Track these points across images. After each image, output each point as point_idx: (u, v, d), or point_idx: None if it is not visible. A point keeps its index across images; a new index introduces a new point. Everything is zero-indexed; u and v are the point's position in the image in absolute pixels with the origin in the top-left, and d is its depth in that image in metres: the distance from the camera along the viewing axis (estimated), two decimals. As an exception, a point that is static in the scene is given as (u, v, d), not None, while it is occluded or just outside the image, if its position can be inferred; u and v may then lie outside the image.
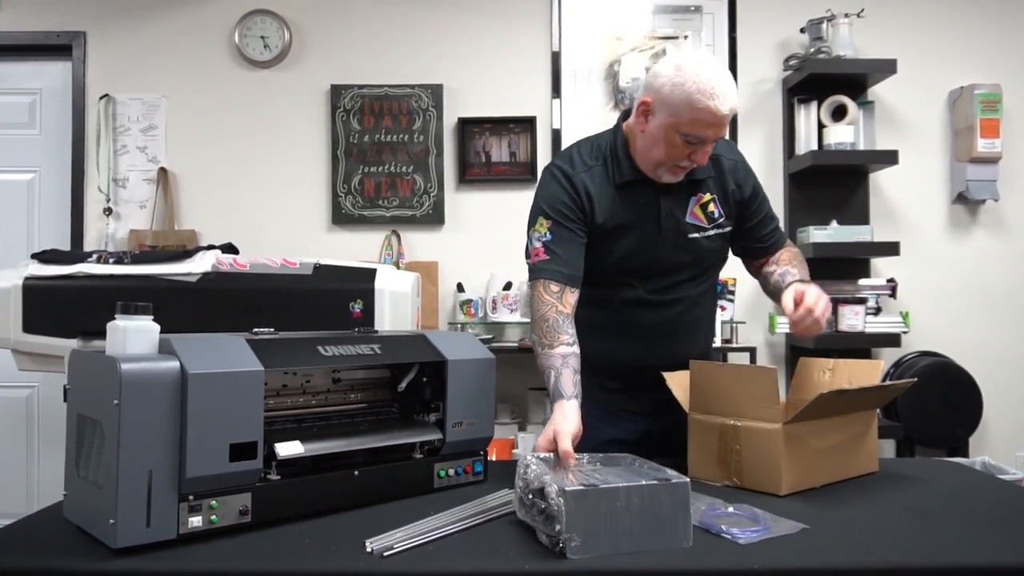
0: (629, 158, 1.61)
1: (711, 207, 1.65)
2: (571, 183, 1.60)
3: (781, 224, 1.79)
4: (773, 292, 1.67)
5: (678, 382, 1.53)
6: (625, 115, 1.67)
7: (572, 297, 1.56)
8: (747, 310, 3.23)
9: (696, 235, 1.63)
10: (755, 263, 1.77)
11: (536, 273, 1.58)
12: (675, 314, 1.66)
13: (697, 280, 1.68)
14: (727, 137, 1.52)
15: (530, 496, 1.07)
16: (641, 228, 1.61)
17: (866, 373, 1.56)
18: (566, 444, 1.27)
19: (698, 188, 1.64)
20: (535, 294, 1.57)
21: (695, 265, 1.66)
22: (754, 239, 1.72)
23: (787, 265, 1.68)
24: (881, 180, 3.31)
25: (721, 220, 1.65)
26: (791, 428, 1.33)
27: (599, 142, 1.67)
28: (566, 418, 1.36)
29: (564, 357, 1.48)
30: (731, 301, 3.14)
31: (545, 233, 1.59)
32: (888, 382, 1.47)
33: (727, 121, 1.50)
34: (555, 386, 1.45)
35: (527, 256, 1.62)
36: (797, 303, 1.51)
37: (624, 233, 1.61)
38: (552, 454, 1.26)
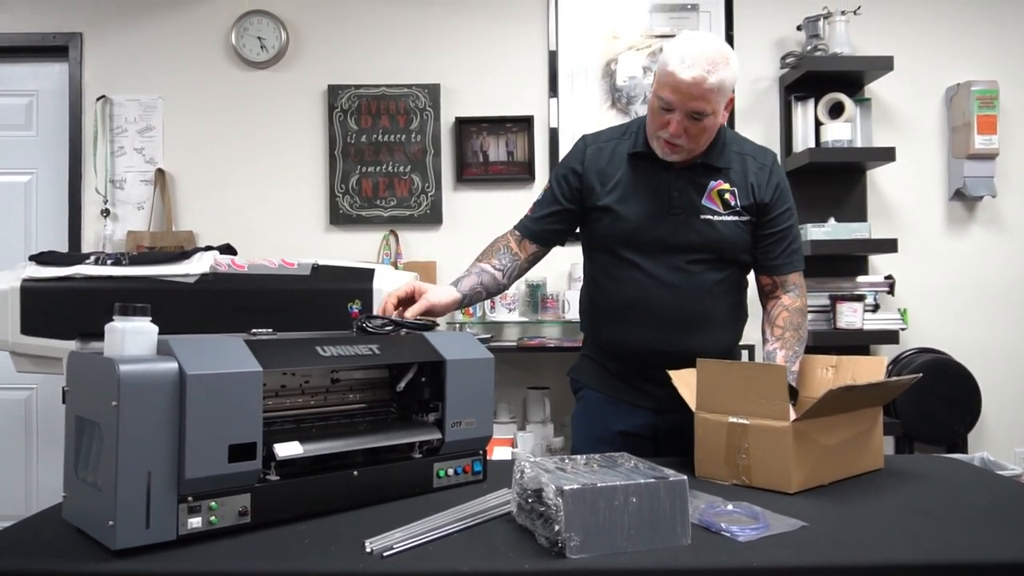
0: (644, 133, 1.68)
1: (727, 196, 1.67)
2: (584, 152, 1.73)
3: (797, 247, 1.78)
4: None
5: (684, 380, 1.53)
6: None
7: (529, 247, 1.78)
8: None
9: (710, 217, 1.66)
10: (760, 280, 1.77)
11: (516, 224, 1.80)
12: (687, 299, 1.65)
13: (714, 267, 1.68)
14: (711, 113, 1.56)
15: (528, 500, 1.07)
16: (648, 202, 1.66)
17: (869, 370, 1.56)
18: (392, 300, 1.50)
19: (717, 175, 1.67)
20: (503, 237, 1.80)
21: (709, 248, 1.66)
22: (762, 252, 1.72)
23: (776, 343, 1.65)
24: (878, 177, 3.32)
25: (738, 208, 1.67)
26: (800, 426, 1.33)
27: (633, 122, 1.76)
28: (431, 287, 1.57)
29: (481, 269, 1.73)
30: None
31: (542, 193, 1.79)
32: (892, 378, 1.46)
33: (695, 93, 1.52)
34: (456, 279, 1.68)
35: None
36: None
37: (628, 202, 1.66)
38: (553, 457, 1.26)
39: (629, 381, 1.70)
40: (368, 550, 1.02)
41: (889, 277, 3.16)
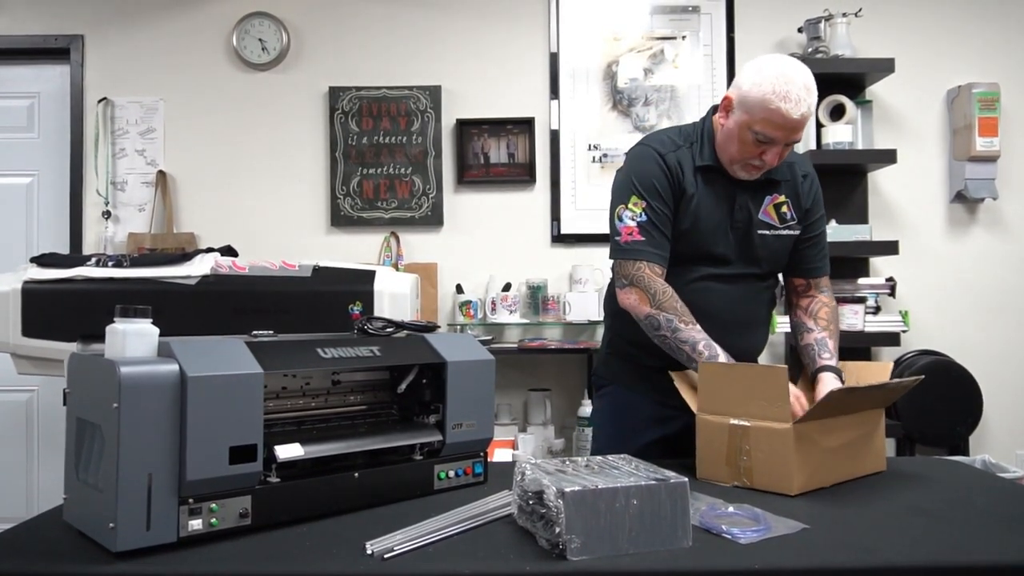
0: (712, 145, 1.67)
1: (784, 208, 1.71)
2: (665, 162, 1.66)
3: (827, 250, 1.80)
4: (804, 351, 1.72)
5: (686, 381, 1.53)
6: (715, 109, 1.72)
7: (662, 271, 1.65)
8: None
9: (766, 232, 1.68)
10: (792, 281, 1.81)
11: (634, 254, 1.63)
12: (736, 303, 1.69)
13: (762, 279, 1.73)
14: (800, 143, 1.57)
15: (529, 502, 1.07)
16: (713, 214, 1.66)
17: (874, 376, 1.55)
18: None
19: (775, 188, 1.70)
20: (642, 274, 1.62)
21: (762, 262, 1.70)
22: (802, 258, 1.76)
23: (825, 333, 1.71)
24: (880, 179, 3.32)
25: (792, 223, 1.71)
26: (801, 428, 1.33)
27: (687, 128, 1.74)
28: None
29: (702, 331, 1.56)
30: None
31: (640, 213, 1.64)
32: (894, 380, 1.46)
33: (800, 126, 1.54)
34: (723, 354, 1.51)
35: (615, 233, 1.66)
36: None
37: (697, 214, 1.66)
38: (556, 460, 1.26)
39: (662, 380, 1.68)
40: (369, 552, 1.02)
41: (890, 279, 3.16)
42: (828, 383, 1.55)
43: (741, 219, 1.67)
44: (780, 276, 1.83)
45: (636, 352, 1.75)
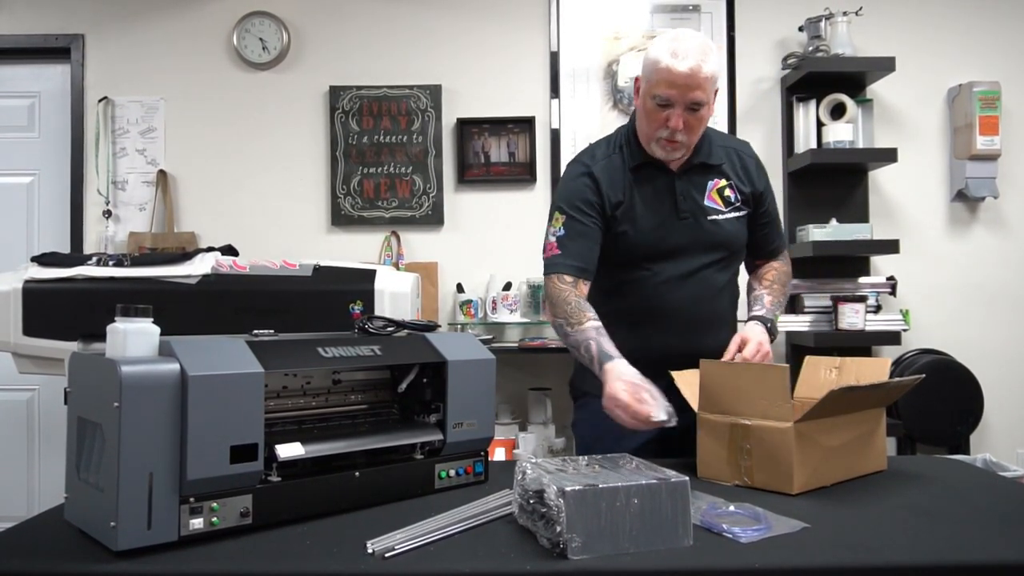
0: (638, 142, 1.68)
1: (727, 191, 1.72)
2: (590, 175, 1.68)
3: (780, 223, 1.86)
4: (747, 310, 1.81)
5: (686, 381, 1.53)
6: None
7: (584, 287, 1.65)
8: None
9: (716, 217, 1.69)
10: (754, 263, 1.87)
11: (549, 268, 1.66)
12: (699, 300, 1.70)
13: (723, 267, 1.74)
14: (707, 103, 1.60)
15: (530, 501, 1.07)
16: (658, 210, 1.67)
17: (873, 372, 1.55)
18: (637, 405, 1.39)
19: (714, 173, 1.71)
20: (550, 285, 1.65)
21: (718, 248, 1.71)
22: (761, 240, 1.81)
23: (764, 290, 1.79)
24: (880, 178, 3.32)
25: (738, 204, 1.73)
26: (802, 426, 1.33)
27: (615, 136, 1.76)
28: (620, 375, 1.44)
29: (596, 329, 1.56)
30: (731, 300, 3.14)
31: (559, 228, 1.67)
32: (894, 379, 1.46)
33: (693, 83, 1.55)
34: (598, 351, 1.52)
35: (543, 252, 1.70)
36: (740, 348, 1.61)
37: (641, 215, 1.67)
38: (557, 459, 1.26)
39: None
40: (370, 551, 1.02)
41: (891, 278, 3.16)
42: (747, 330, 1.65)
43: (688, 208, 1.68)
44: (744, 268, 1.86)
45: None
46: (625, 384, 1.43)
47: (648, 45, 1.79)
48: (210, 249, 2.16)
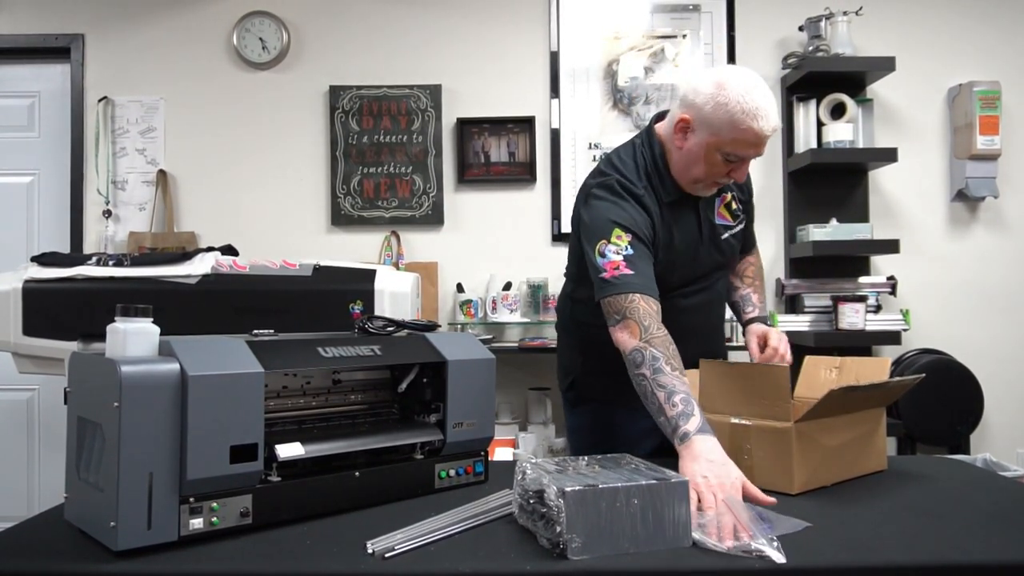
0: (670, 175, 1.60)
1: (733, 204, 1.72)
2: (640, 202, 1.55)
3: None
4: (732, 307, 1.84)
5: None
6: (657, 118, 1.66)
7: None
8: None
9: (726, 235, 1.70)
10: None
11: (628, 287, 1.46)
12: (708, 314, 1.74)
13: (724, 273, 1.78)
14: None
15: (530, 501, 1.07)
16: (687, 239, 1.64)
17: (873, 371, 1.55)
18: (753, 489, 1.22)
19: (722, 189, 1.68)
20: (636, 306, 1.44)
21: (724, 264, 1.76)
22: (744, 240, 1.81)
23: (749, 288, 1.81)
24: (880, 178, 3.31)
25: (740, 215, 1.74)
26: (802, 426, 1.33)
27: (639, 161, 1.62)
28: (726, 461, 1.25)
29: (688, 387, 1.36)
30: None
31: (626, 246, 1.49)
32: (895, 379, 1.46)
33: (768, 139, 1.51)
34: (700, 419, 1.31)
35: (598, 271, 1.50)
36: (762, 345, 1.65)
37: (676, 248, 1.62)
38: (558, 458, 1.25)
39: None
40: (370, 551, 1.02)
41: (891, 278, 3.16)
42: (759, 329, 1.71)
43: (707, 231, 1.67)
44: None
45: (618, 372, 1.62)
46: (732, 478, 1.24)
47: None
48: (210, 249, 2.16)
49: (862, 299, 3.01)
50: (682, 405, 1.31)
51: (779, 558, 0.99)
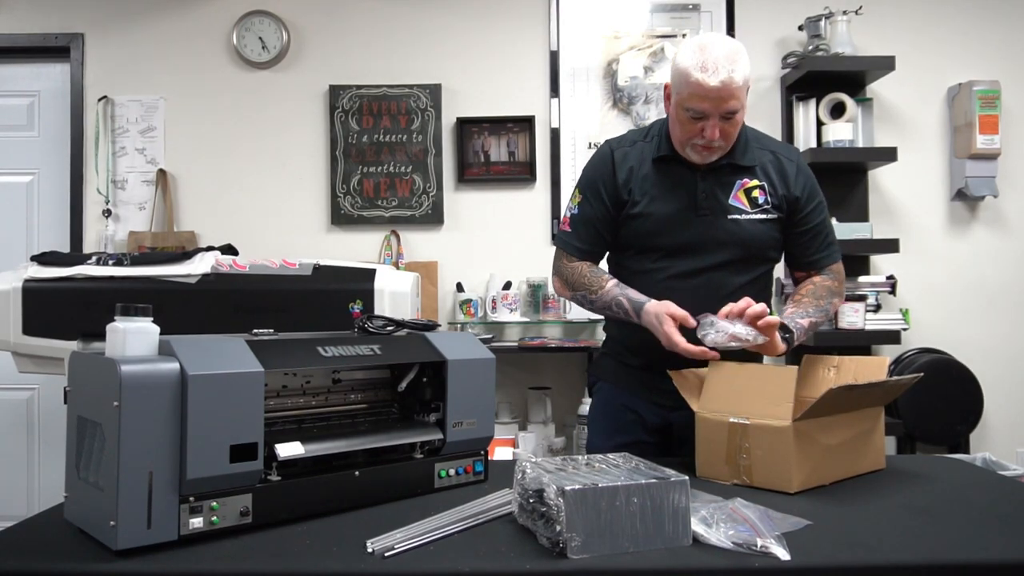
0: (668, 137, 1.69)
1: (756, 193, 1.67)
2: (612, 156, 1.71)
3: (832, 237, 1.77)
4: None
5: (685, 380, 1.53)
6: None
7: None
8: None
9: (738, 216, 1.66)
10: (795, 275, 1.80)
11: (560, 243, 1.77)
12: (705, 299, 1.61)
13: (740, 269, 1.67)
14: (741, 108, 1.58)
15: (529, 500, 1.07)
16: (676, 204, 1.66)
17: (871, 370, 1.55)
18: (675, 335, 1.50)
19: (745, 173, 1.67)
20: (561, 264, 1.77)
21: (736, 248, 1.66)
22: (799, 249, 1.74)
23: (791, 304, 1.69)
24: (880, 177, 3.32)
25: (767, 207, 1.67)
26: (800, 425, 1.33)
27: (653, 125, 1.77)
28: (661, 305, 1.55)
29: (617, 284, 1.65)
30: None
31: (575, 207, 1.75)
32: (894, 378, 1.46)
33: (726, 95, 1.52)
34: (630, 303, 1.61)
35: (560, 222, 1.81)
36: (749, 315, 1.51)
37: (657, 204, 1.66)
38: (557, 458, 1.26)
39: (647, 379, 1.70)
40: (369, 550, 1.03)
41: (891, 277, 3.16)
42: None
43: (708, 206, 1.65)
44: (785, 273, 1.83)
45: (622, 351, 1.77)
46: (665, 314, 1.53)
47: (676, 50, 1.75)
48: (210, 248, 2.16)
49: (862, 298, 3.01)
50: (626, 305, 1.62)
51: (784, 555, 0.99)
